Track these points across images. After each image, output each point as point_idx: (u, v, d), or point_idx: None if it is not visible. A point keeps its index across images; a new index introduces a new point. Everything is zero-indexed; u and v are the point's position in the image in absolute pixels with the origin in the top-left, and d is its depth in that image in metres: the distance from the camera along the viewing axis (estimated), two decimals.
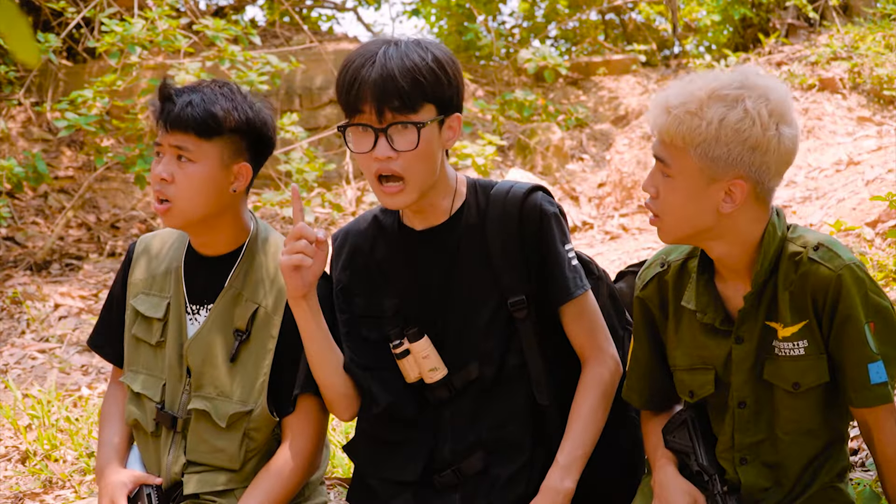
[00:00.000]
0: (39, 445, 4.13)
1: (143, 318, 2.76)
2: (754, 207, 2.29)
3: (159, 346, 2.74)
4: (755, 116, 2.21)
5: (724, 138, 2.22)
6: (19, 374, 5.34)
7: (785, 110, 2.24)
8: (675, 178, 2.28)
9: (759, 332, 2.34)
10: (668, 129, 2.26)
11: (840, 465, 2.42)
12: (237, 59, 7.28)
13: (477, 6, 10.45)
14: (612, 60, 9.78)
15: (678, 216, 2.31)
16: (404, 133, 2.45)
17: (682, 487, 2.40)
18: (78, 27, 8.27)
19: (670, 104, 2.26)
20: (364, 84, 2.42)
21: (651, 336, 2.50)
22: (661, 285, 2.46)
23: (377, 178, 2.49)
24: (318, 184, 7.73)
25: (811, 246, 2.30)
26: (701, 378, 2.42)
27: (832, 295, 2.27)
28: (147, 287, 2.78)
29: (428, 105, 2.45)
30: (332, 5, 11.41)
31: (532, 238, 2.57)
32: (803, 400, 2.34)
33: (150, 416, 2.73)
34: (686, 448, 2.45)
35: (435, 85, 2.45)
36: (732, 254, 2.33)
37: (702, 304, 2.38)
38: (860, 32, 8.71)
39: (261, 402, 2.65)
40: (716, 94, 2.23)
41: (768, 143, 2.22)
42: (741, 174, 2.24)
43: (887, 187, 5.83)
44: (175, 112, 2.59)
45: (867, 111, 7.92)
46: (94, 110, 7.09)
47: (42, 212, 7.89)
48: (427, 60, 2.45)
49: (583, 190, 7.97)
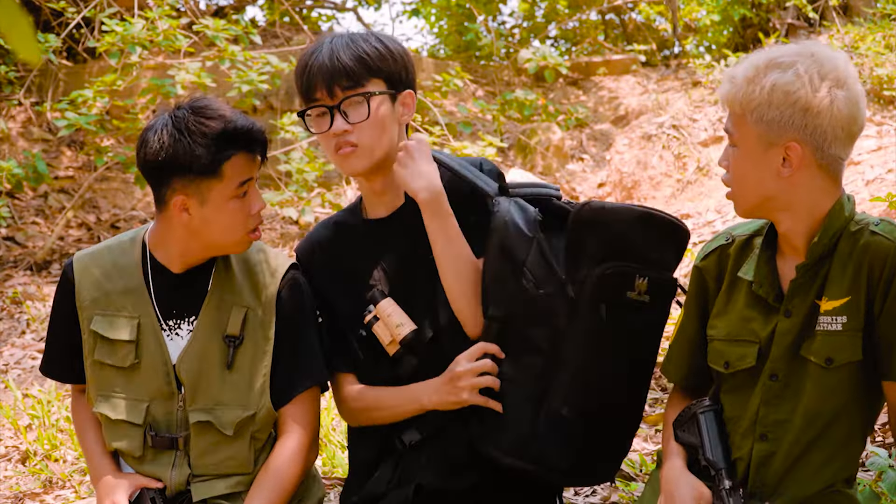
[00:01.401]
0: (39, 445, 4.13)
1: (103, 339, 2.66)
2: (818, 176, 2.33)
3: (132, 369, 2.66)
4: (806, 80, 2.27)
5: (776, 101, 2.28)
6: (19, 374, 5.34)
7: (841, 75, 2.29)
8: (739, 146, 2.36)
9: (807, 308, 2.37)
10: (728, 97, 2.35)
11: (850, 470, 2.43)
12: (237, 59, 7.28)
13: (477, 6, 10.44)
14: (612, 60, 9.78)
15: (744, 185, 2.37)
16: (357, 107, 2.61)
17: (689, 482, 2.41)
18: (78, 27, 8.27)
19: (734, 74, 2.36)
20: (314, 69, 2.62)
21: (700, 309, 2.54)
22: (721, 257, 2.51)
23: (336, 151, 2.64)
24: (318, 184, 7.73)
25: (873, 222, 2.34)
26: (741, 350, 2.43)
27: (890, 266, 2.30)
28: (102, 307, 2.67)
29: (375, 80, 2.62)
30: (332, 5, 11.41)
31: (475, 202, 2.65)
32: (833, 378, 2.35)
33: (135, 441, 2.65)
34: (694, 442, 2.46)
35: (380, 61, 2.62)
36: (798, 228, 2.37)
37: (760, 276, 2.42)
38: (860, 32, 8.71)
39: (263, 404, 2.64)
40: (773, 62, 2.31)
41: (819, 104, 2.27)
42: (796, 137, 2.29)
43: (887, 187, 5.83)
44: (261, 135, 2.66)
45: (867, 111, 7.92)
46: (94, 110, 7.09)
47: (42, 212, 7.89)
48: (370, 42, 2.63)
49: (583, 190, 7.97)
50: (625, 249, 2.52)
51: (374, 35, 2.67)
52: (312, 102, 2.63)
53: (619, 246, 2.52)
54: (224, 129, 2.55)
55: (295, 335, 2.66)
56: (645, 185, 7.60)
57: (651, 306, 2.55)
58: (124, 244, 2.73)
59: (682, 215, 6.81)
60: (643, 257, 2.54)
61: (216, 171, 2.54)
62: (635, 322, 2.54)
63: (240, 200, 2.58)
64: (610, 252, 2.51)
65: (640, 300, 2.53)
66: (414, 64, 2.72)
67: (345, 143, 2.61)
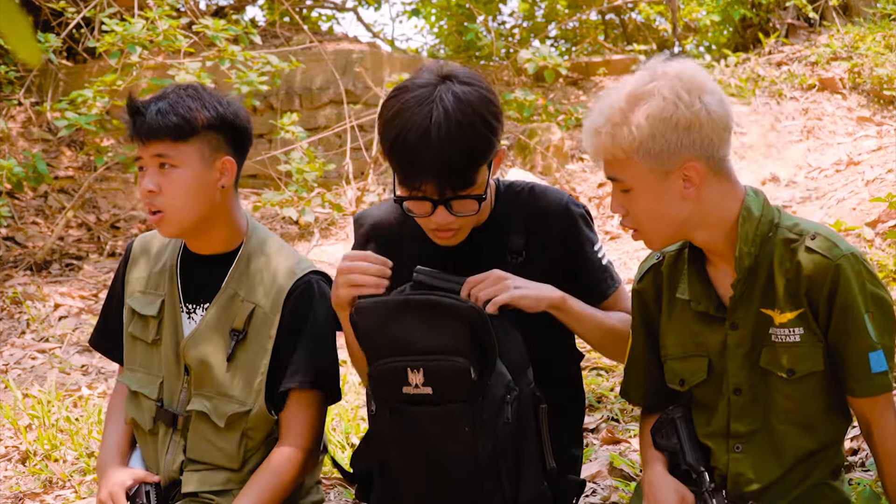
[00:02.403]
0: (39, 445, 4.13)
1: (139, 316, 2.78)
2: (716, 183, 2.31)
3: (155, 344, 2.76)
4: (674, 99, 2.25)
5: (658, 132, 2.25)
6: (19, 374, 5.34)
7: (700, 82, 2.28)
8: (633, 188, 2.31)
9: (753, 318, 2.35)
10: (604, 148, 2.30)
11: (834, 463, 2.42)
12: (237, 59, 7.28)
13: (477, 6, 10.44)
14: (612, 60, 9.78)
15: (653, 221, 2.33)
16: (464, 202, 2.49)
17: (671, 485, 2.41)
18: (78, 27, 8.27)
19: (597, 125, 2.30)
20: (422, 165, 2.41)
21: (647, 330, 2.52)
22: (656, 277, 2.48)
23: (431, 230, 2.55)
24: (318, 184, 7.73)
25: (808, 234, 2.30)
26: (693, 365, 2.42)
27: (829, 285, 2.27)
28: (143, 286, 2.80)
29: (482, 168, 2.48)
30: (332, 5, 11.41)
31: (561, 239, 2.62)
32: (799, 389, 2.34)
33: (147, 414, 2.74)
34: (673, 447, 2.46)
35: (487, 149, 2.46)
36: (715, 238, 2.35)
37: (695, 293, 2.40)
38: (860, 32, 8.71)
39: (258, 402, 2.65)
40: (632, 97, 2.27)
41: (698, 117, 2.25)
42: (689, 156, 2.27)
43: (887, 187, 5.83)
44: (147, 122, 2.62)
45: (867, 111, 7.92)
46: (94, 110, 7.09)
47: (42, 212, 7.89)
48: (477, 126, 2.43)
49: (583, 190, 7.97)
50: (390, 343, 2.42)
51: (476, 110, 2.44)
52: (414, 191, 2.46)
53: (383, 341, 2.43)
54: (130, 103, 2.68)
55: (296, 339, 2.66)
56: None
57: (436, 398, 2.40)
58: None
59: None
60: (410, 348, 2.40)
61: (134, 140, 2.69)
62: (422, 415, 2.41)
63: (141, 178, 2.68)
64: (378, 351, 2.44)
65: (421, 393, 2.40)
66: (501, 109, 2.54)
67: (446, 228, 2.52)
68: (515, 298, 2.47)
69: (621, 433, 3.86)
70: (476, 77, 2.53)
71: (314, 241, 7.44)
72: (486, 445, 2.40)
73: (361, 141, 8.18)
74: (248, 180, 8.59)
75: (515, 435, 2.43)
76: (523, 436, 2.45)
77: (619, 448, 3.71)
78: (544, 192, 2.67)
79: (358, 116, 8.41)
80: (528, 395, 2.47)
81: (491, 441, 2.40)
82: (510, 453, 2.43)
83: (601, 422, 4.00)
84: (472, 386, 2.39)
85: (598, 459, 3.57)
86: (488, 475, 2.41)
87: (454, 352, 2.40)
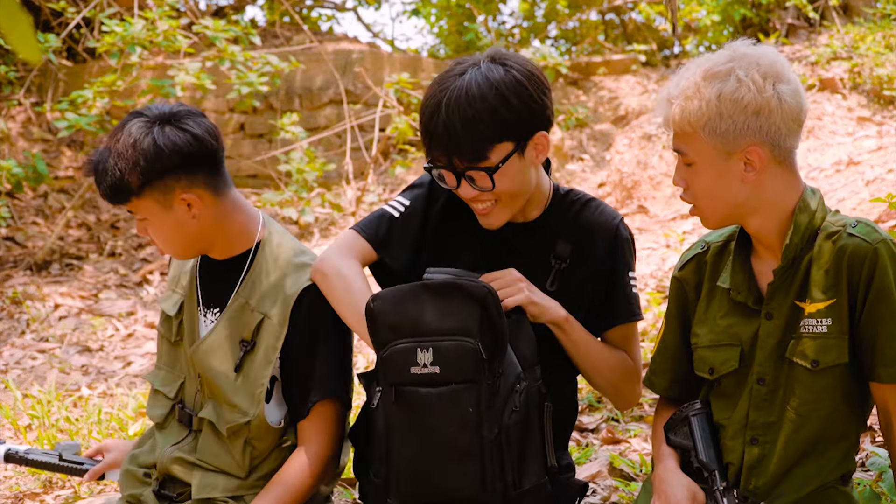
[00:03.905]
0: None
1: (165, 315, 2.82)
2: (779, 172, 2.34)
3: (177, 344, 2.79)
4: (749, 83, 2.27)
5: (726, 112, 2.28)
6: (19, 374, 5.34)
7: (779, 70, 2.30)
8: (695, 163, 2.35)
9: (788, 310, 2.37)
10: (673, 119, 2.33)
11: (846, 467, 2.42)
12: (237, 60, 7.28)
13: (477, 6, 10.45)
14: (612, 60, 9.78)
15: (710, 199, 2.36)
16: (480, 176, 2.51)
17: (682, 482, 2.41)
18: (78, 27, 8.27)
19: (671, 95, 2.34)
20: (433, 137, 2.49)
21: (682, 319, 2.53)
22: (699, 266, 2.51)
23: (472, 202, 2.58)
24: (318, 184, 7.73)
25: (850, 224, 2.34)
26: (724, 354, 2.43)
27: (868, 268, 2.30)
28: (172, 286, 2.84)
29: (498, 145, 2.49)
30: (332, 5, 11.41)
31: (603, 256, 2.65)
32: (821, 381, 2.35)
33: (160, 410, 2.79)
34: (686, 445, 2.46)
35: (499, 126, 2.47)
36: (768, 227, 2.37)
37: (736, 282, 2.42)
38: (860, 32, 8.72)
39: (258, 412, 2.64)
40: (708, 74, 2.30)
41: (768, 103, 2.28)
42: (754, 141, 2.29)
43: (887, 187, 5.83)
44: (101, 192, 2.65)
45: (867, 111, 7.92)
46: (94, 110, 7.09)
47: (42, 212, 7.89)
48: (489, 101, 2.45)
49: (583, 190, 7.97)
50: (403, 326, 2.43)
51: (495, 86, 2.46)
52: (434, 160, 2.53)
53: (395, 324, 2.44)
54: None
55: (308, 347, 2.65)
56: (645, 185, 7.60)
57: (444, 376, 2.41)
58: None
59: (683, 215, 6.81)
60: (422, 329, 2.42)
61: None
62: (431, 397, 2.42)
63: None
64: (391, 334, 2.45)
65: (429, 372, 2.41)
66: (544, 96, 2.52)
67: (479, 200, 2.56)
68: (526, 303, 2.51)
69: (621, 433, 3.86)
70: (519, 61, 2.53)
71: (314, 241, 7.44)
72: (491, 429, 2.40)
73: (361, 141, 8.18)
74: (248, 180, 8.60)
75: (522, 424, 2.44)
76: (529, 427, 2.47)
77: (619, 448, 3.71)
78: (600, 208, 2.71)
79: (358, 116, 8.41)
80: (534, 390, 2.49)
81: (496, 425, 2.40)
82: (515, 441, 2.43)
83: (601, 422, 4.00)
84: (480, 366, 2.40)
85: (598, 459, 3.57)
86: (491, 460, 2.41)
87: (464, 332, 2.41)
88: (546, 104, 2.54)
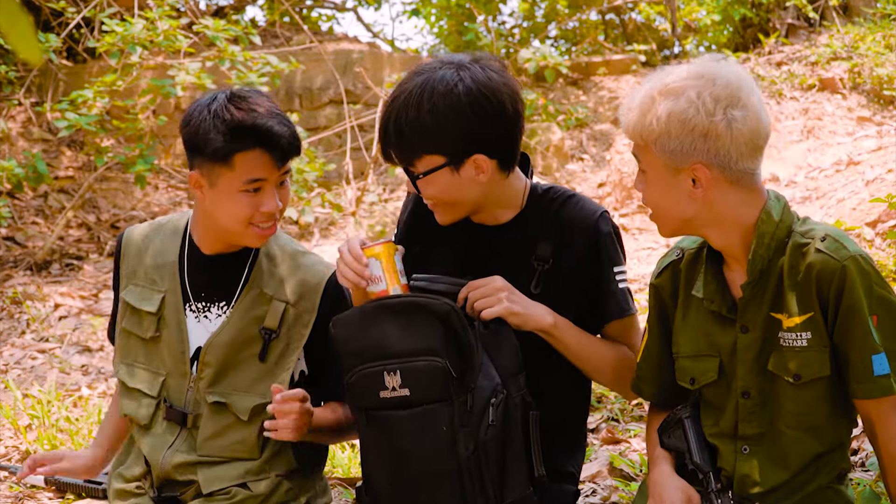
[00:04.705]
0: (39, 445, 4.13)
1: (132, 309, 2.76)
2: (731, 191, 2.30)
3: (153, 341, 2.74)
4: (699, 105, 2.25)
5: (674, 131, 2.27)
6: (19, 374, 5.34)
7: (734, 93, 2.26)
8: (647, 173, 2.35)
9: (763, 322, 2.35)
10: (628, 128, 2.34)
11: (840, 467, 2.42)
12: (237, 60, 7.28)
13: (477, 6, 10.44)
14: (612, 60, 9.78)
15: (661, 209, 2.36)
16: (425, 179, 2.53)
17: (677, 485, 2.40)
18: (78, 27, 8.27)
19: (631, 103, 2.34)
20: (379, 130, 2.55)
21: (662, 326, 2.52)
22: (674, 273, 2.49)
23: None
24: (318, 184, 7.73)
25: (818, 237, 2.31)
26: (704, 365, 2.42)
27: (836, 285, 2.27)
28: (137, 279, 2.77)
29: (426, 157, 2.49)
30: (332, 5, 11.41)
31: (586, 253, 2.61)
32: (806, 393, 2.34)
33: (145, 409, 2.73)
34: (681, 447, 2.45)
35: (425, 140, 2.46)
36: (730, 241, 2.35)
37: (709, 292, 2.40)
38: (860, 32, 8.72)
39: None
40: (665, 89, 2.28)
41: (716, 128, 2.25)
42: (700, 160, 2.27)
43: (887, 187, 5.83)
44: (286, 142, 2.60)
45: (867, 111, 7.93)
46: (94, 110, 7.09)
47: (42, 212, 7.89)
48: (422, 113, 2.44)
49: (583, 190, 7.97)
50: (367, 349, 2.43)
51: (434, 101, 2.44)
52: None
53: (358, 348, 2.45)
54: (243, 121, 2.55)
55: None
56: None
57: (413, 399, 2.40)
58: (175, 220, 2.81)
59: None
60: (387, 352, 2.41)
61: (227, 159, 2.57)
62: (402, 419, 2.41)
63: (249, 195, 2.59)
64: (355, 358, 2.45)
65: (399, 395, 2.40)
66: (489, 120, 2.46)
67: (423, 196, 2.58)
68: (505, 313, 2.46)
69: (621, 433, 3.86)
70: (480, 80, 2.47)
71: (314, 241, 7.44)
72: (467, 445, 2.38)
73: (361, 141, 8.18)
74: None
75: (500, 438, 2.41)
76: (508, 439, 2.43)
77: (619, 448, 3.71)
78: (580, 204, 2.64)
79: (358, 116, 8.41)
80: (517, 400, 2.45)
81: (472, 442, 2.38)
82: (494, 456, 2.40)
83: (601, 422, 4.00)
84: (450, 385, 2.38)
85: (598, 459, 3.57)
86: (470, 478, 2.39)
87: (430, 351, 2.39)
88: (489, 129, 2.47)
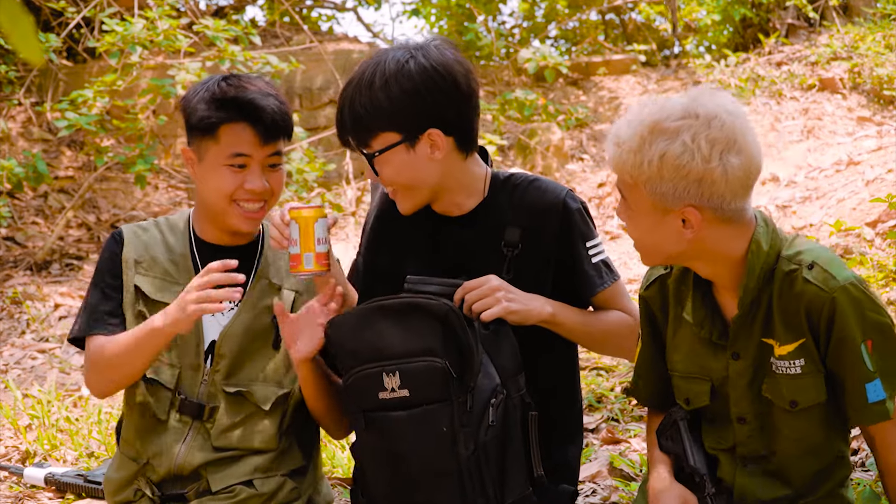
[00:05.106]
0: (39, 445, 4.13)
1: (146, 299, 2.72)
2: (722, 228, 2.25)
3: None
4: (694, 149, 2.16)
5: (667, 175, 2.18)
6: (19, 374, 5.34)
7: (731, 136, 2.18)
8: (633, 210, 2.28)
9: (755, 348, 2.32)
10: (617, 164, 2.26)
11: (842, 473, 2.42)
12: (237, 59, 7.27)
13: (477, 6, 10.44)
14: (612, 60, 9.78)
15: (646, 245, 2.31)
16: (381, 161, 2.53)
17: (675, 492, 2.39)
18: (78, 27, 8.27)
19: (619, 138, 2.24)
20: (337, 117, 2.58)
21: (654, 336, 2.49)
22: (662, 288, 2.45)
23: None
24: (318, 184, 7.73)
25: (806, 265, 2.25)
26: (697, 387, 2.40)
27: (826, 316, 2.24)
28: (144, 268, 2.73)
29: (382, 134, 2.50)
30: (332, 5, 11.40)
31: (556, 233, 2.60)
32: (804, 418, 2.33)
33: (163, 403, 2.70)
34: (677, 450, 2.44)
35: (378, 115, 2.48)
36: (720, 273, 2.31)
37: (699, 318, 2.36)
38: (860, 32, 8.72)
39: (296, 385, 2.70)
40: (657, 128, 2.19)
41: (712, 173, 2.17)
42: (692, 203, 2.20)
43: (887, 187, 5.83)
44: (270, 118, 2.63)
45: (867, 111, 7.92)
46: (94, 110, 7.08)
47: (42, 212, 7.88)
48: (375, 89, 2.47)
49: (583, 190, 7.97)
50: (364, 351, 2.44)
51: (385, 77, 2.47)
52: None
53: (356, 349, 2.45)
54: (227, 92, 2.62)
55: None
56: None
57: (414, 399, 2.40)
58: (172, 220, 2.82)
59: None
60: (385, 353, 2.42)
61: (212, 131, 2.62)
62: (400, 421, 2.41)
63: (233, 170, 2.63)
64: (352, 360, 2.45)
65: (398, 396, 2.40)
66: (442, 94, 2.49)
67: (384, 184, 2.59)
68: (504, 314, 2.46)
69: (621, 433, 3.86)
70: (432, 56, 2.50)
71: None
72: (467, 446, 2.38)
73: None
74: None
75: (499, 438, 2.41)
76: (508, 440, 2.43)
77: (619, 448, 3.71)
78: (543, 186, 2.64)
79: None
80: (517, 401, 2.45)
81: (472, 442, 2.38)
82: (493, 456, 2.40)
83: (601, 422, 4.00)
84: (450, 385, 2.38)
85: (598, 459, 3.57)
86: (470, 478, 2.39)
87: (429, 352, 2.39)
88: (443, 103, 2.49)
